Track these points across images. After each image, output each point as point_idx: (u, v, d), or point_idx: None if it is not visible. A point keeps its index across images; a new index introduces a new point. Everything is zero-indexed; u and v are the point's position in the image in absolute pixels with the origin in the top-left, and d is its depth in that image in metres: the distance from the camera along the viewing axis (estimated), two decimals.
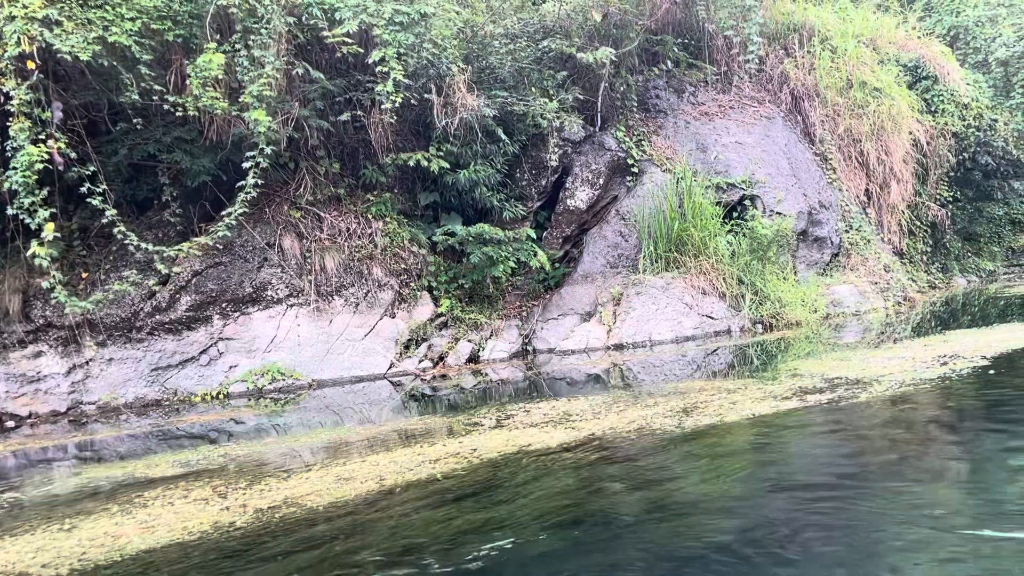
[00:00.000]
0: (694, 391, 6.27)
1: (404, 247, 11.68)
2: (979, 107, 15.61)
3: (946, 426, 4.29)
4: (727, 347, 10.64)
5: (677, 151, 13.72)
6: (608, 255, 12.63)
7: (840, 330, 11.33)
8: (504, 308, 12.51)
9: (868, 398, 5.15)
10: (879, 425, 4.46)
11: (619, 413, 5.53)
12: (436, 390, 9.69)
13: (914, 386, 5.44)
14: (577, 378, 9.32)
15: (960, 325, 9.65)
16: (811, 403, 5.19)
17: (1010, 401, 4.74)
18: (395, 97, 9.92)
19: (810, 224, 13.28)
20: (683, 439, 4.56)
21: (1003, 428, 4.14)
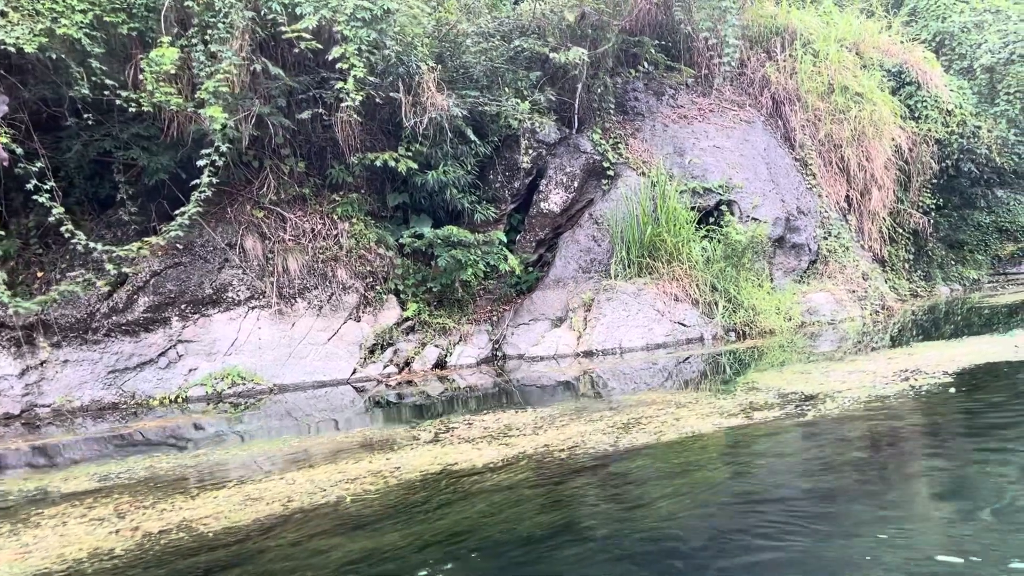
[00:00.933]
0: (644, 404, 6.00)
1: (371, 249, 11.38)
2: (963, 114, 15.37)
3: (888, 451, 4.01)
4: (697, 356, 10.37)
5: (654, 154, 13.46)
6: (581, 260, 12.35)
7: (814, 339, 11.06)
8: (475, 313, 12.23)
9: (815, 416, 4.87)
10: (817, 448, 4.19)
11: (560, 428, 5.25)
12: (402, 397, 9.40)
13: (866, 404, 5.17)
14: (539, 387, 9.03)
15: (932, 337, 9.40)
16: (756, 420, 4.91)
17: (962, 425, 4.46)
18: (356, 95, 9.63)
19: (787, 231, 13.01)
20: (615, 458, 4.28)
21: (948, 455, 3.87)
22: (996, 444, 3.94)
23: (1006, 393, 5.02)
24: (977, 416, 4.55)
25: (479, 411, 6.94)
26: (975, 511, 3.05)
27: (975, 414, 4.58)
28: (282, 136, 10.86)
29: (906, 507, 3.22)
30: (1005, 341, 7.62)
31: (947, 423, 4.47)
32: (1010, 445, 3.84)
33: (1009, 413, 4.52)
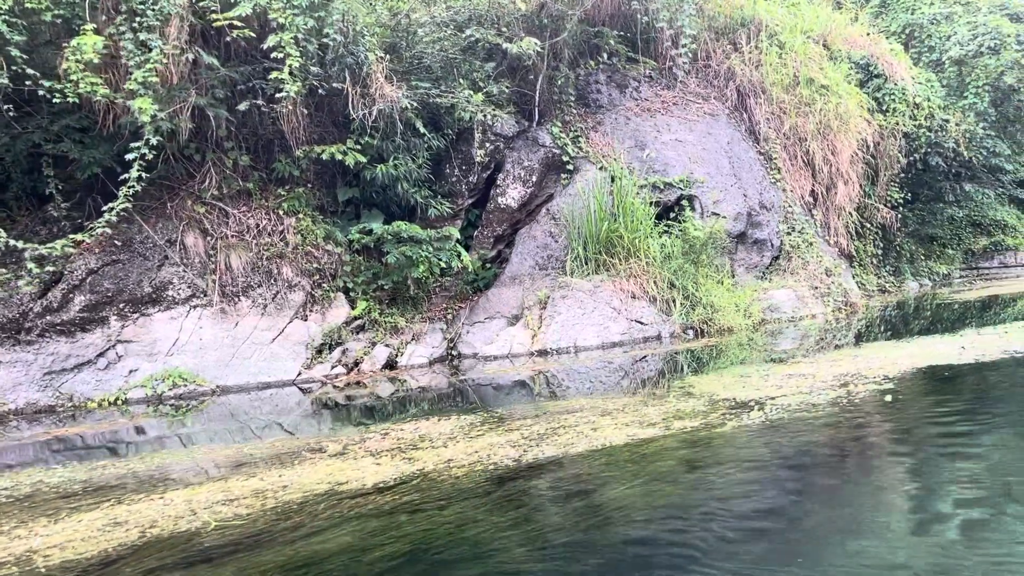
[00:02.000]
0: (570, 411, 5.67)
1: (318, 245, 10.98)
2: (931, 107, 15.11)
3: (798, 475, 3.69)
4: (653, 355, 10.06)
5: (615, 148, 13.11)
6: (537, 256, 12.00)
7: (773, 337, 10.78)
8: (429, 310, 11.86)
9: (735, 428, 4.56)
10: (730, 462, 3.88)
11: (472, 440, 4.92)
12: (348, 399, 9.05)
13: (793, 414, 4.86)
14: (483, 389, 8.68)
15: (885, 336, 9.13)
16: (674, 431, 4.60)
17: (888, 439, 4.16)
18: (292, 86, 9.23)
19: (749, 226, 12.71)
20: (512, 476, 3.96)
21: (863, 479, 3.55)
22: (917, 464, 3.64)
23: (941, 403, 4.71)
24: (904, 430, 4.24)
25: (407, 418, 6.60)
26: (887, 537, 2.75)
27: (903, 429, 4.26)
28: (225, 128, 10.43)
29: (816, 540, 2.91)
30: (954, 342, 7.35)
31: (872, 439, 4.16)
32: (931, 469, 3.53)
33: (938, 427, 4.22)
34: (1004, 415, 4.32)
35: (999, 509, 3.04)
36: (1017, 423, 4.21)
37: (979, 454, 3.57)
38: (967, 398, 4.92)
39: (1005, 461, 3.53)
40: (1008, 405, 4.57)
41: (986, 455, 3.58)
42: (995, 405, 4.59)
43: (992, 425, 4.16)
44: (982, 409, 4.53)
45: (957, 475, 3.39)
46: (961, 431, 4.09)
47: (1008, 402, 4.67)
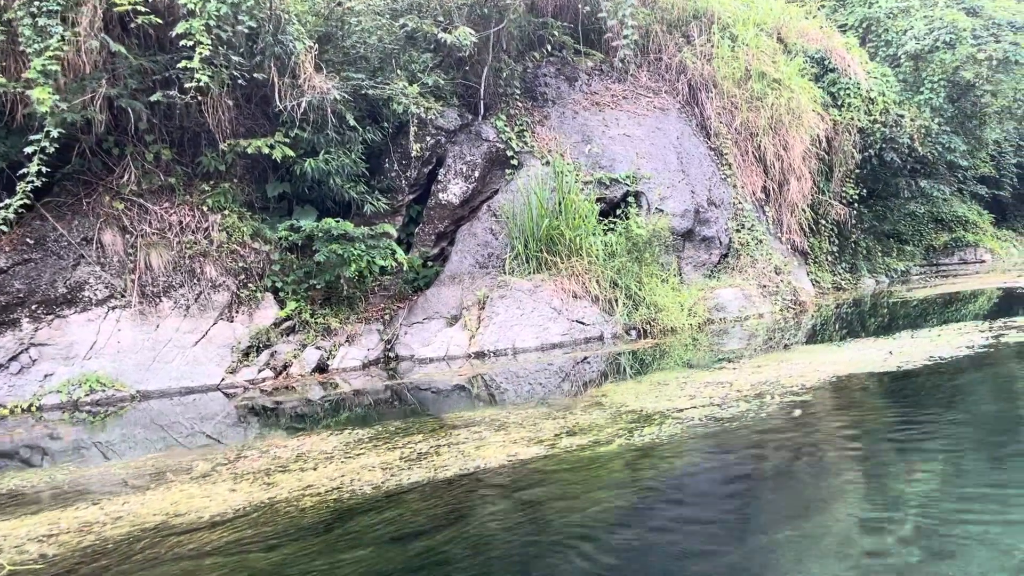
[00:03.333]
0: (468, 424, 5.26)
1: (245, 243, 10.47)
2: (885, 102, 14.85)
3: (662, 510, 3.30)
4: (591, 357, 9.69)
5: (562, 143, 12.71)
6: (478, 254, 11.57)
7: (716, 337, 10.44)
8: (366, 311, 11.39)
9: (621, 447, 4.17)
10: (595, 492, 3.49)
11: (347, 460, 4.50)
12: (280, 403, 8.57)
13: (694, 430, 4.49)
14: (412, 395, 8.24)
15: (820, 339, 8.82)
16: (558, 450, 4.21)
17: (786, 459, 3.78)
18: (203, 75, 8.72)
19: (697, 223, 12.37)
20: (365, 508, 3.54)
21: (749, 517, 3.17)
22: (802, 502, 3.24)
23: (853, 420, 4.34)
24: (802, 452, 3.86)
25: (304, 430, 6.16)
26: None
27: (803, 453, 3.88)
28: (146, 121, 9.89)
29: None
30: (885, 346, 7.03)
31: (765, 462, 3.78)
32: (820, 509, 3.13)
33: (843, 452, 3.84)
34: (904, 438, 3.97)
35: (895, 536, 2.70)
36: (917, 443, 3.86)
37: (876, 486, 3.20)
38: (875, 413, 4.58)
39: (901, 490, 3.17)
40: (912, 426, 4.22)
41: (884, 485, 3.21)
42: (901, 426, 4.23)
43: (893, 447, 3.81)
44: (888, 427, 4.17)
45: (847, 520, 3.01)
46: (857, 454, 3.73)
47: (914, 420, 4.33)
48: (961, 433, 4.00)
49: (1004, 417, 4.33)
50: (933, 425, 4.25)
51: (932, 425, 4.24)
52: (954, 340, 6.99)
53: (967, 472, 3.31)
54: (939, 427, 4.19)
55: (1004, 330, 7.46)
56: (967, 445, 3.79)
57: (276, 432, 6.19)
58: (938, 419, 4.34)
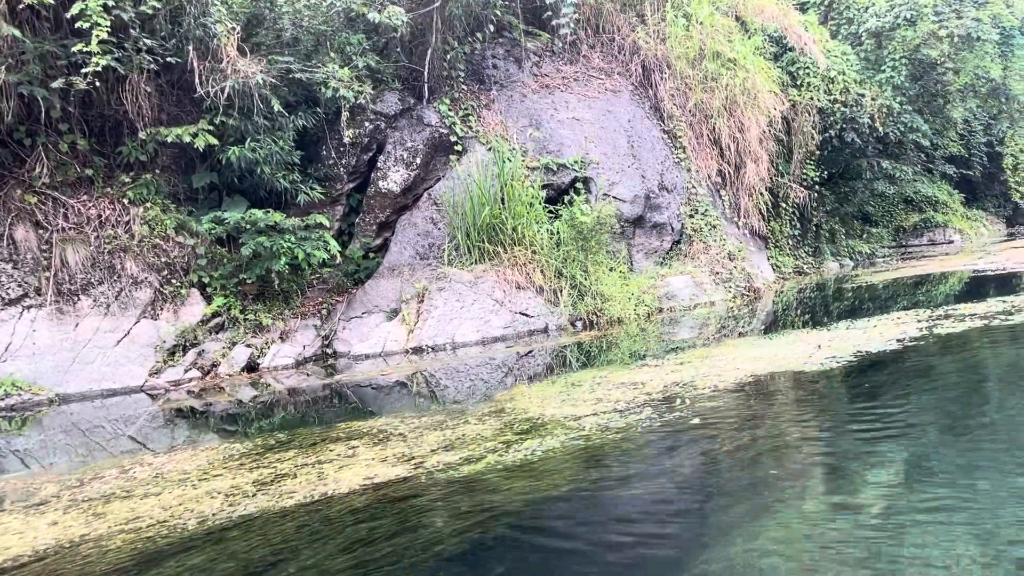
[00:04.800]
0: (352, 436, 4.81)
1: (168, 237, 9.92)
2: (846, 81, 14.40)
3: (490, 546, 2.85)
4: (536, 350, 9.26)
5: (508, 127, 12.20)
6: (418, 245, 11.07)
7: (665, 326, 10.01)
8: (303, 306, 10.89)
9: (489, 465, 3.72)
10: (427, 527, 3.05)
11: (200, 483, 4.04)
12: (210, 405, 8.10)
13: (578, 442, 4.05)
14: (335, 396, 7.79)
15: (763, 329, 8.41)
16: (424, 469, 3.73)
17: (658, 484, 3.33)
18: (101, 59, 8.14)
19: (648, 209, 11.90)
20: (176, 550, 3.08)
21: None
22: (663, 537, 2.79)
23: (748, 438, 3.86)
24: (679, 484, 3.39)
25: (191, 442, 5.70)
26: None
27: (678, 480, 3.40)
28: (59, 109, 9.31)
29: None
30: (818, 338, 6.62)
31: (636, 489, 3.33)
32: (691, 547, 2.68)
33: (727, 479, 3.38)
34: (797, 468, 3.52)
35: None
36: (809, 471, 3.43)
37: (755, 530, 2.76)
38: (777, 425, 4.14)
39: (791, 534, 2.74)
40: (811, 443, 3.77)
41: (767, 527, 2.78)
42: (801, 443, 3.78)
43: (785, 478, 3.37)
44: (786, 447, 3.72)
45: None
46: (740, 484, 3.27)
47: (814, 437, 3.88)
48: (861, 450, 3.57)
49: (914, 428, 3.91)
50: (833, 438, 3.82)
51: (832, 439, 3.81)
52: (888, 332, 6.59)
53: (863, 506, 2.88)
54: (839, 440, 3.76)
55: (941, 319, 7.07)
56: (867, 466, 3.36)
57: (160, 444, 5.72)
58: (840, 431, 3.91)
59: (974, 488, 2.95)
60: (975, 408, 4.18)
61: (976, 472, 3.14)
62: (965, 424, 3.87)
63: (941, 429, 3.81)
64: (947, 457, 3.37)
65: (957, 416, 4.02)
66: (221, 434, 5.83)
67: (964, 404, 4.29)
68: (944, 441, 3.65)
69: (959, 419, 3.97)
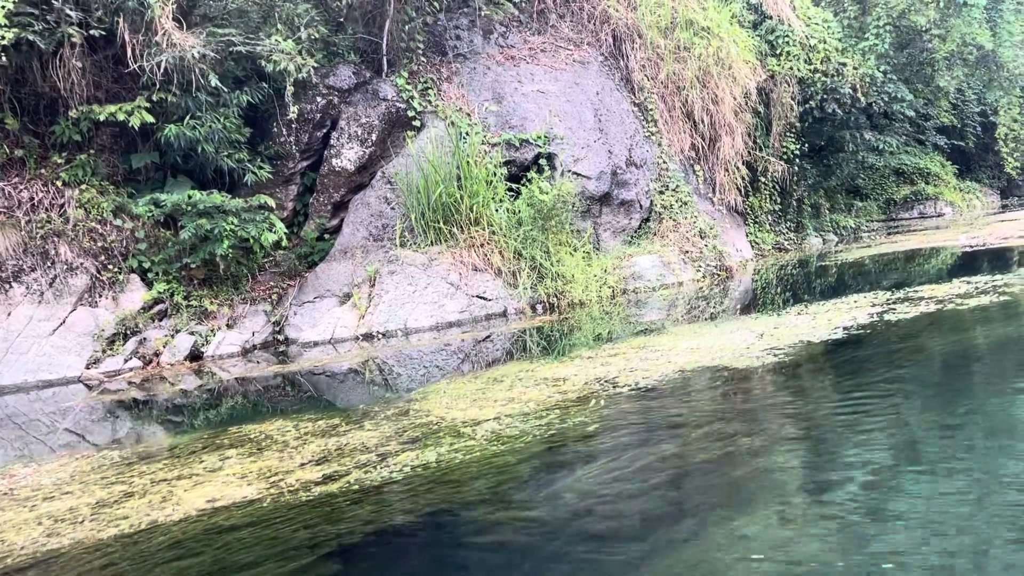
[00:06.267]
0: (233, 444, 4.35)
1: (105, 220, 9.44)
2: (826, 50, 13.73)
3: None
4: (494, 335, 8.79)
5: (470, 101, 11.61)
6: (371, 226, 10.56)
7: (629, 308, 9.52)
8: (253, 290, 10.41)
9: (345, 487, 3.23)
10: (252, 548, 2.60)
11: (49, 502, 3.60)
12: (153, 395, 7.67)
13: (454, 456, 3.57)
14: (269, 387, 7.33)
15: (708, 315, 7.89)
16: (272, 492, 3.25)
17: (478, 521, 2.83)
18: (6, 32, 7.60)
19: (615, 185, 11.34)
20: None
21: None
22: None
23: (652, 458, 3.33)
24: (541, 516, 2.89)
25: (82, 445, 5.27)
26: None
27: (538, 516, 2.90)
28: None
29: None
30: (763, 326, 6.12)
31: (494, 528, 2.85)
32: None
33: (585, 520, 2.86)
34: (700, 482, 3.05)
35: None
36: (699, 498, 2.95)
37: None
38: (684, 434, 3.67)
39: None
40: (709, 469, 3.26)
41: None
42: (700, 471, 3.28)
43: (677, 498, 2.90)
44: (680, 470, 3.24)
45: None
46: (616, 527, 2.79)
47: (717, 451, 3.39)
48: (760, 482, 3.07)
49: (829, 439, 3.43)
50: (736, 458, 3.33)
51: (734, 459, 3.32)
52: (837, 318, 6.09)
53: (754, 537, 2.42)
54: (737, 465, 3.26)
55: (896, 303, 6.57)
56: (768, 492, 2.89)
57: (52, 445, 5.28)
58: (747, 452, 3.42)
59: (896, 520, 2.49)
60: (901, 414, 3.70)
61: (898, 499, 2.68)
62: (883, 434, 3.39)
63: (856, 445, 3.33)
64: (862, 485, 2.90)
65: (879, 427, 3.54)
66: (120, 436, 5.39)
67: (889, 409, 3.80)
68: (858, 461, 3.18)
69: (879, 430, 3.50)
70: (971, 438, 3.30)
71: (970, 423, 3.49)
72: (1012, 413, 3.56)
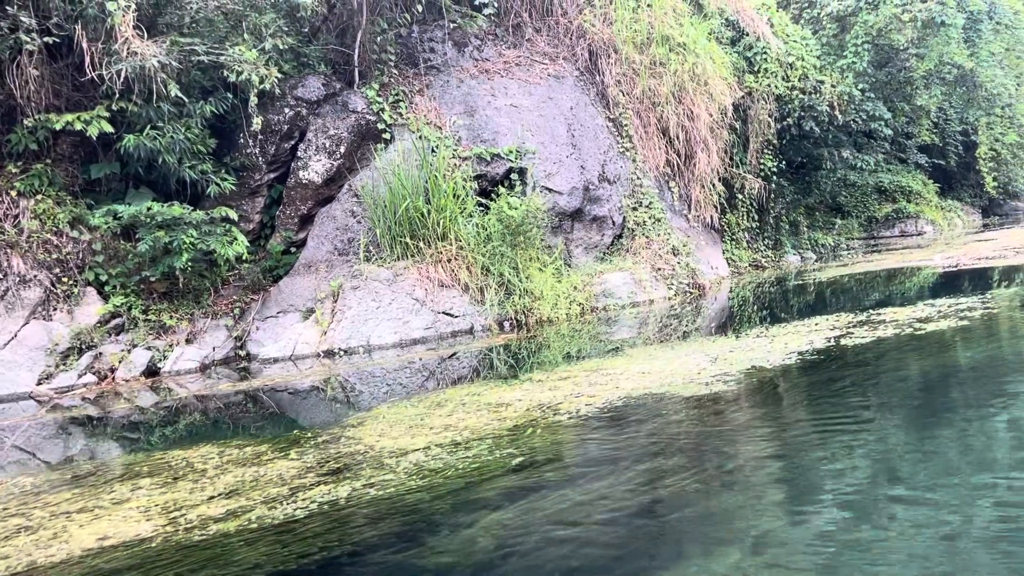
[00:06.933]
0: (151, 472, 4.14)
1: (61, 232, 9.22)
2: (804, 67, 13.68)
3: None
4: (461, 353, 8.56)
5: (442, 114, 11.46)
6: (337, 239, 10.36)
7: (599, 327, 9.34)
8: (215, 304, 10.19)
9: (244, 524, 3.03)
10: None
11: None
12: (107, 412, 7.43)
13: (362, 491, 3.36)
14: (220, 406, 7.10)
15: (680, 334, 7.73)
16: (163, 532, 3.05)
17: None
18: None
19: (587, 201, 11.19)
20: None
21: None
22: None
23: (571, 502, 3.09)
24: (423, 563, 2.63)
25: (9, 468, 5.03)
26: None
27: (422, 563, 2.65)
28: None
29: None
30: (719, 349, 5.95)
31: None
32: None
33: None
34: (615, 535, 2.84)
35: None
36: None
37: None
38: (612, 470, 3.46)
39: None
40: (622, 520, 3.02)
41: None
42: (608, 523, 3.05)
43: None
44: (595, 514, 3.02)
45: None
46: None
47: (645, 495, 3.18)
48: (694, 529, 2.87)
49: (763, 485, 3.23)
50: (651, 508, 3.12)
51: (649, 509, 3.11)
52: (794, 342, 5.92)
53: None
54: (674, 505, 3.06)
55: (856, 327, 6.41)
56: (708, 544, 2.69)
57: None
58: (687, 490, 3.21)
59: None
60: (835, 456, 3.50)
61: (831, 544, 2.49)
62: (816, 477, 3.21)
63: (789, 492, 3.14)
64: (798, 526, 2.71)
65: (812, 468, 3.36)
66: (48, 459, 5.15)
67: (824, 448, 3.61)
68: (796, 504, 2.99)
69: (811, 469, 3.31)
70: (913, 478, 3.13)
71: (912, 465, 3.31)
72: (948, 451, 3.39)
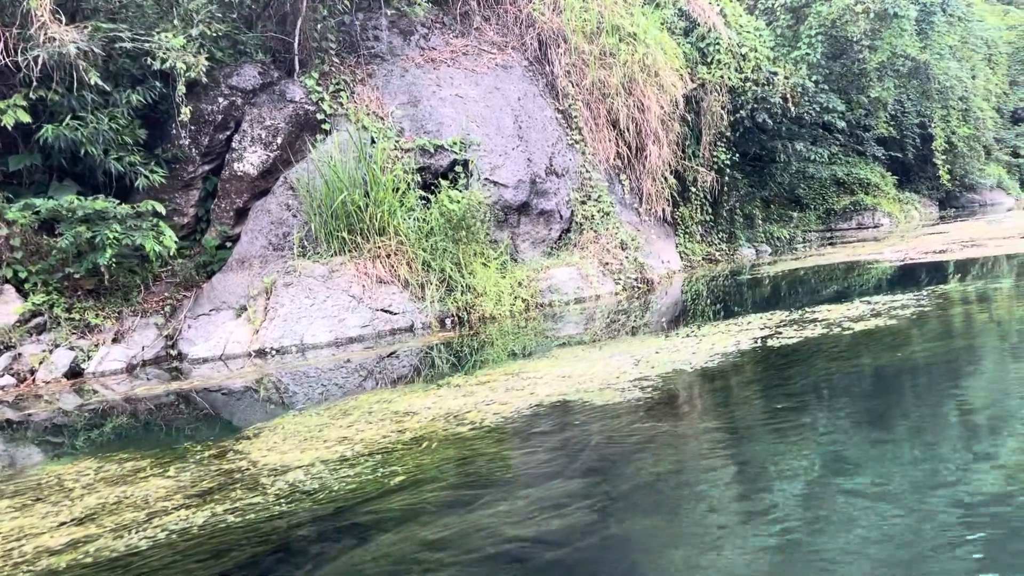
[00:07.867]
0: (19, 490, 3.82)
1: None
2: (757, 59, 13.54)
3: None
4: (400, 351, 8.28)
5: (385, 105, 11.12)
6: (271, 234, 9.99)
7: (542, 323, 9.12)
8: (146, 302, 9.78)
9: (59, 563, 2.77)
10: None
11: None
12: (29, 416, 7.02)
13: (213, 520, 3.09)
14: (135, 411, 6.75)
15: (614, 332, 7.53)
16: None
17: None
18: None
19: (534, 195, 10.94)
20: None
21: None
22: None
23: (447, 534, 2.80)
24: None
25: None
26: None
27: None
28: None
29: None
30: (646, 349, 5.74)
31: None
32: None
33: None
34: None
35: None
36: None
37: None
38: (505, 479, 3.22)
39: None
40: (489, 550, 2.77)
41: None
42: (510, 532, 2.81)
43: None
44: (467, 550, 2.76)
45: None
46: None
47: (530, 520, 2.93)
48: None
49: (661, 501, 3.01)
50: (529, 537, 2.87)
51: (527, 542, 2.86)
52: (721, 342, 5.74)
53: None
54: (566, 542, 2.81)
55: (787, 326, 6.25)
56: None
57: None
58: (585, 523, 2.96)
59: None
60: (744, 469, 3.31)
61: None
62: (724, 492, 3.00)
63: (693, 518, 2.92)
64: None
65: (720, 485, 3.15)
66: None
67: (732, 460, 3.41)
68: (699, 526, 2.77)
69: (722, 485, 3.10)
70: (823, 491, 2.93)
71: (823, 472, 3.12)
72: (858, 456, 3.21)
